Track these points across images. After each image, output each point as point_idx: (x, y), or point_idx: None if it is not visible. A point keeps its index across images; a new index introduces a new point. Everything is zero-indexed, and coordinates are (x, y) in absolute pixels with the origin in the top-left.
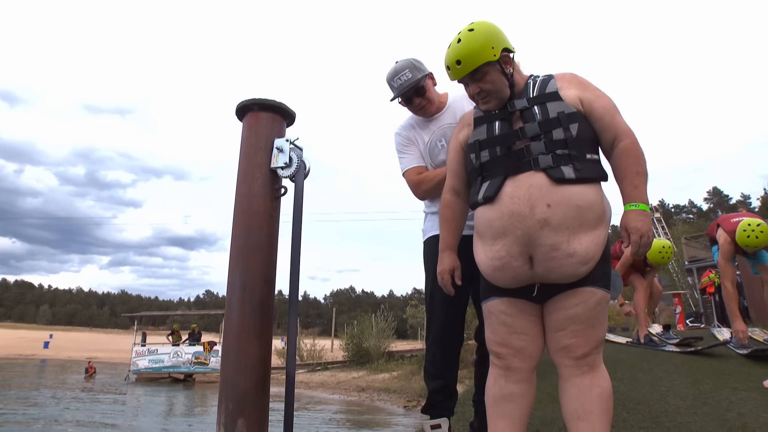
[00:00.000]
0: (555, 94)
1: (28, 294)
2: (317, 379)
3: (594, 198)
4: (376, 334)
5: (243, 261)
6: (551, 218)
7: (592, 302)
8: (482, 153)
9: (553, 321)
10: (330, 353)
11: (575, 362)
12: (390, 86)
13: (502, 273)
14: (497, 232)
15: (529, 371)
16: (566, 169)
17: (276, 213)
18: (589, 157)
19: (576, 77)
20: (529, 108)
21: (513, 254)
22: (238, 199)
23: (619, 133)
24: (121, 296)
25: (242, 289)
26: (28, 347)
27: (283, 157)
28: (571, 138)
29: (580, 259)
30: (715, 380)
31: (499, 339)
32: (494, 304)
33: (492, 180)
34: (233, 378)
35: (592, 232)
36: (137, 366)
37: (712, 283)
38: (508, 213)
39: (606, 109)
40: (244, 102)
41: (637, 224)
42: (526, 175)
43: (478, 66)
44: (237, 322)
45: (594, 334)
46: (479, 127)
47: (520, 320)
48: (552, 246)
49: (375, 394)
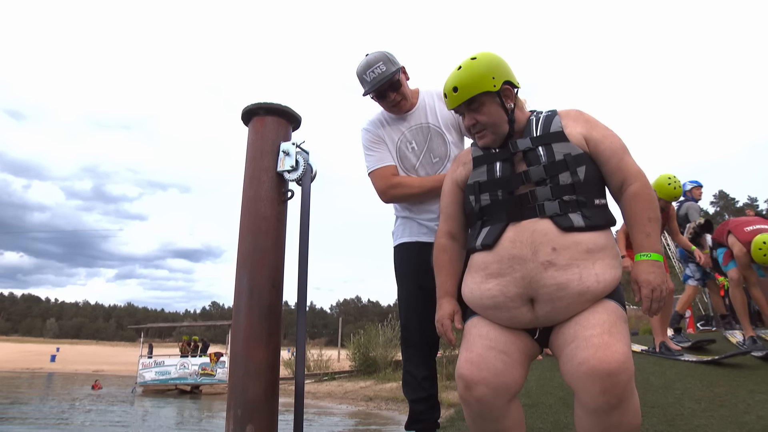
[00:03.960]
0: (560, 134)
1: (35, 308)
2: (324, 389)
3: (605, 242)
4: (383, 343)
5: (250, 265)
6: (557, 261)
7: (611, 308)
8: (482, 196)
9: (565, 335)
10: (337, 363)
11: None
12: (362, 80)
13: (496, 312)
14: (492, 272)
15: (505, 404)
16: (575, 217)
17: (283, 217)
18: (597, 202)
19: (582, 114)
20: (533, 149)
21: (509, 295)
22: (245, 203)
23: (628, 176)
24: (128, 309)
25: (250, 293)
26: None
27: (289, 161)
28: (579, 183)
29: (592, 297)
30: (730, 382)
31: (472, 356)
32: (476, 320)
33: (493, 226)
34: (242, 384)
35: (608, 269)
36: (144, 378)
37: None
38: (507, 257)
39: (613, 150)
40: (250, 106)
41: (649, 277)
42: (530, 221)
43: (474, 95)
44: (245, 327)
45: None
46: (479, 167)
47: (504, 336)
48: (559, 286)
49: (383, 403)
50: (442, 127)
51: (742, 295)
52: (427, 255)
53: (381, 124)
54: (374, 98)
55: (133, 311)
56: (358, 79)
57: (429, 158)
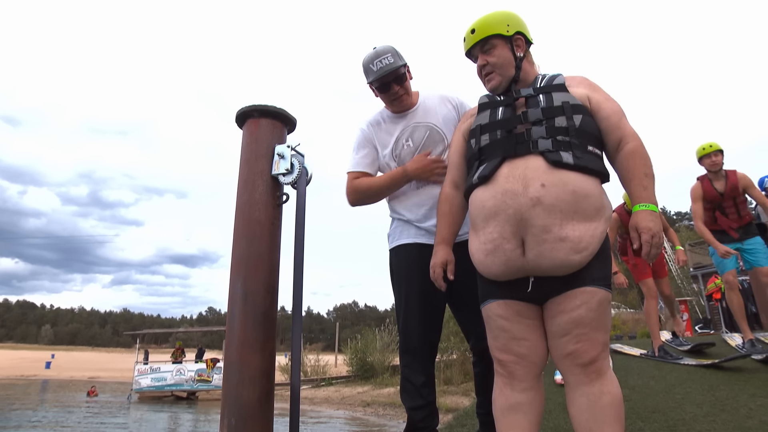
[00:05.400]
0: (562, 86)
1: (30, 314)
2: (322, 395)
3: (592, 188)
4: (380, 348)
5: (244, 270)
6: (544, 198)
7: (594, 303)
8: (482, 137)
9: (554, 326)
10: (334, 368)
11: (582, 369)
12: (367, 70)
13: (493, 257)
14: (489, 212)
15: (534, 379)
16: (565, 154)
17: (278, 221)
18: (590, 149)
19: (586, 80)
20: (534, 96)
21: (505, 235)
22: (239, 207)
23: (626, 134)
24: (123, 315)
25: (244, 299)
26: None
27: (284, 164)
28: (574, 127)
29: (572, 245)
30: (731, 386)
31: (500, 345)
32: (491, 307)
33: (489, 162)
34: (236, 391)
35: (587, 222)
36: (140, 384)
37: (718, 289)
38: (501, 191)
39: (614, 110)
40: (244, 108)
41: (648, 224)
42: (524, 158)
43: (488, 35)
44: (239, 333)
45: (599, 336)
46: (483, 112)
47: (518, 325)
48: (543, 227)
49: (380, 408)
50: (441, 127)
51: (738, 298)
52: (426, 257)
53: (378, 124)
54: (377, 90)
55: (129, 317)
56: (363, 69)
57: None
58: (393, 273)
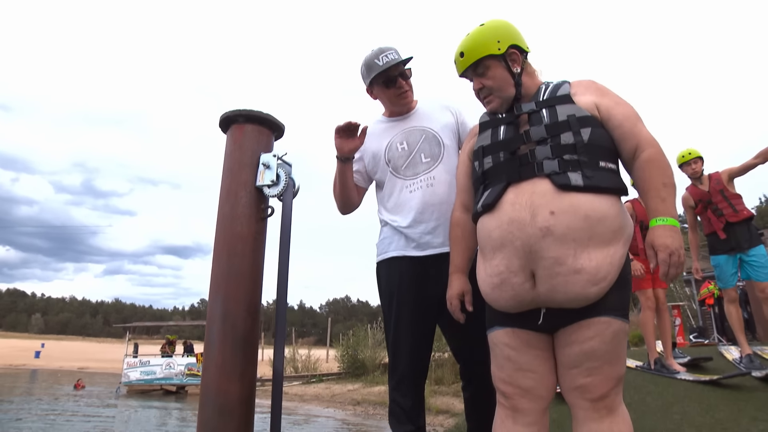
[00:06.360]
0: (567, 97)
1: (21, 302)
2: (312, 392)
3: (607, 209)
4: (372, 345)
5: (224, 289)
6: (554, 227)
7: (609, 334)
8: (485, 159)
9: (565, 357)
10: (325, 364)
11: (592, 404)
12: (371, 66)
13: (500, 291)
14: (495, 243)
15: (539, 413)
16: (573, 176)
17: (261, 236)
18: (602, 165)
19: (594, 83)
20: (537, 111)
21: (512, 269)
22: (220, 220)
23: (642, 142)
24: (115, 305)
25: (223, 320)
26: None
27: (269, 174)
28: (581, 143)
29: (589, 277)
30: (730, 407)
31: (504, 376)
32: (498, 335)
33: (493, 187)
34: (213, 422)
35: (605, 248)
36: (128, 378)
37: (711, 295)
38: (507, 221)
39: (626, 116)
40: (228, 113)
41: (666, 240)
42: (529, 182)
43: (479, 58)
44: (217, 358)
45: (613, 371)
46: (484, 132)
47: (526, 355)
48: (556, 260)
49: (370, 408)
50: (438, 131)
51: (738, 312)
52: (417, 273)
53: (374, 133)
54: (382, 86)
55: (120, 307)
56: (365, 67)
57: (419, 158)
58: (381, 289)
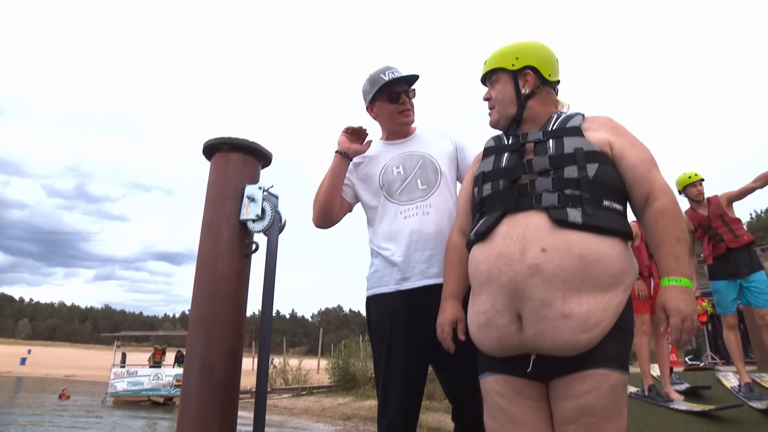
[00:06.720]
0: (577, 129)
1: (8, 307)
2: (302, 405)
3: (606, 251)
4: (363, 358)
5: (204, 333)
6: (544, 265)
7: (606, 388)
8: (485, 186)
9: (560, 411)
10: (316, 375)
11: None
12: (375, 80)
13: (485, 332)
14: (482, 277)
15: None
16: (572, 212)
17: (245, 274)
18: (606, 204)
19: (611, 120)
20: (544, 141)
21: (497, 308)
22: (201, 257)
23: (655, 189)
24: (105, 311)
25: (201, 367)
26: (4, 363)
27: (254, 208)
28: (586, 178)
29: (578, 323)
30: None
31: (497, 427)
32: (489, 381)
33: (488, 216)
34: None
35: (599, 293)
36: (115, 388)
37: (704, 312)
38: (495, 254)
39: (642, 159)
40: (212, 141)
41: (679, 304)
42: (525, 213)
43: (492, 68)
44: (195, 407)
45: (611, 427)
46: (487, 158)
47: (518, 406)
48: (543, 301)
49: (361, 423)
50: (436, 158)
51: (737, 339)
52: (409, 308)
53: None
54: (386, 100)
55: (110, 314)
56: (369, 83)
57: (415, 184)
58: (371, 326)
